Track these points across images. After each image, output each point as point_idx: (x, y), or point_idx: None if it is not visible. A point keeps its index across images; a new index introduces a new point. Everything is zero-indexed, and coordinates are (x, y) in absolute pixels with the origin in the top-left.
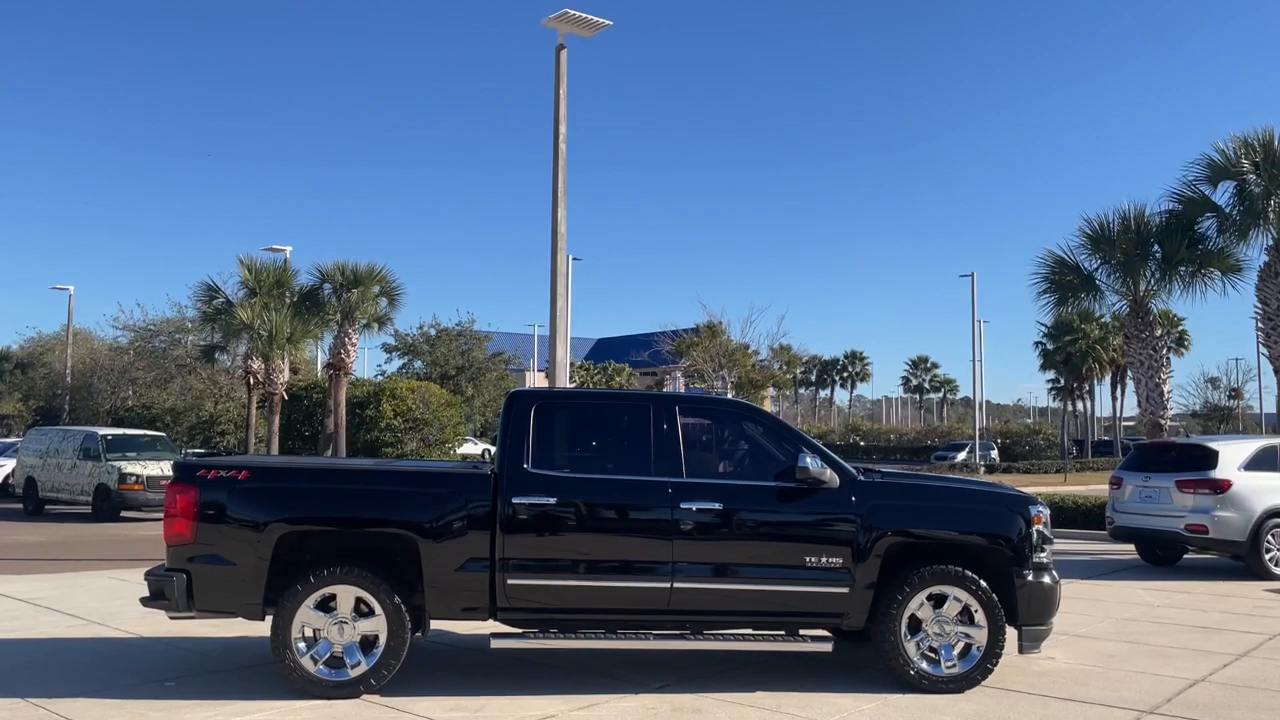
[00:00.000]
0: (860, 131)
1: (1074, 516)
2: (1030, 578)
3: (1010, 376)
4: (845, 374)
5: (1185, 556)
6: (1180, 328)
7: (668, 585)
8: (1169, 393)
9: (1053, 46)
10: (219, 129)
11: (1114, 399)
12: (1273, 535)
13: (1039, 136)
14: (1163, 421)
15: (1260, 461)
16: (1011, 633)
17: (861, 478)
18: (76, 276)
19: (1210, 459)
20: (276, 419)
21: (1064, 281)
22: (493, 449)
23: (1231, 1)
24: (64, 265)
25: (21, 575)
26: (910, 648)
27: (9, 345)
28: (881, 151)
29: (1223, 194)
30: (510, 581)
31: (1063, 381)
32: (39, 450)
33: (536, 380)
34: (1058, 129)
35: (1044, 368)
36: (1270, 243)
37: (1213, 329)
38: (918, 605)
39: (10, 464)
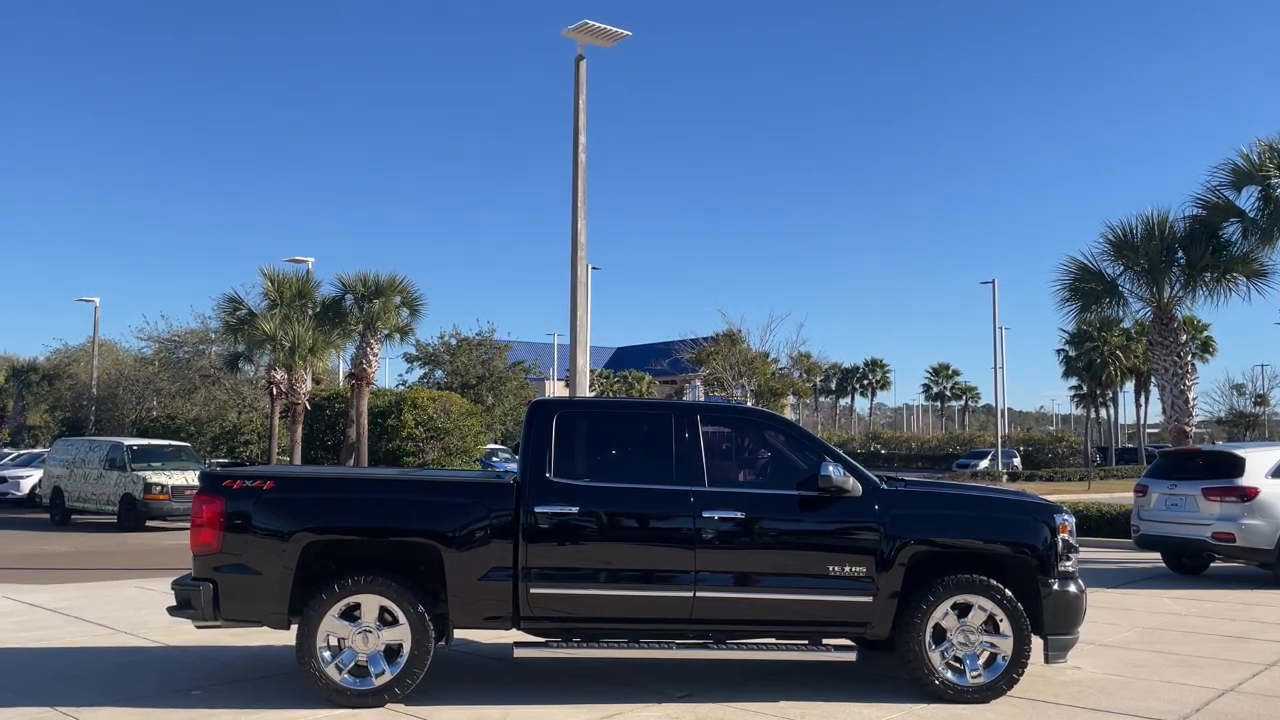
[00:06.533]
0: (880, 138)
1: (1099, 525)
2: (1056, 586)
3: (1032, 383)
4: (866, 382)
5: (1212, 565)
6: (1205, 334)
7: (690, 594)
8: (1194, 400)
9: (1073, 52)
10: (242, 139)
11: (1138, 406)
12: None
13: (1061, 142)
14: (1188, 429)
15: None
16: (1037, 642)
17: (885, 486)
18: (102, 288)
19: (1237, 466)
20: (299, 429)
21: (1087, 288)
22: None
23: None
24: (89, 277)
25: (49, 585)
26: (935, 657)
27: (36, 357)
28: (901, 157)
29: (1247, 199)
30: (533, 590)
31: (1085, 388)
32: (65, 460)
33: (556, 389)
34: (1079, 134)
35: (1066, 374)
36: None
37: (1237, 335)
38: (942, 614)
39: (37, 474)
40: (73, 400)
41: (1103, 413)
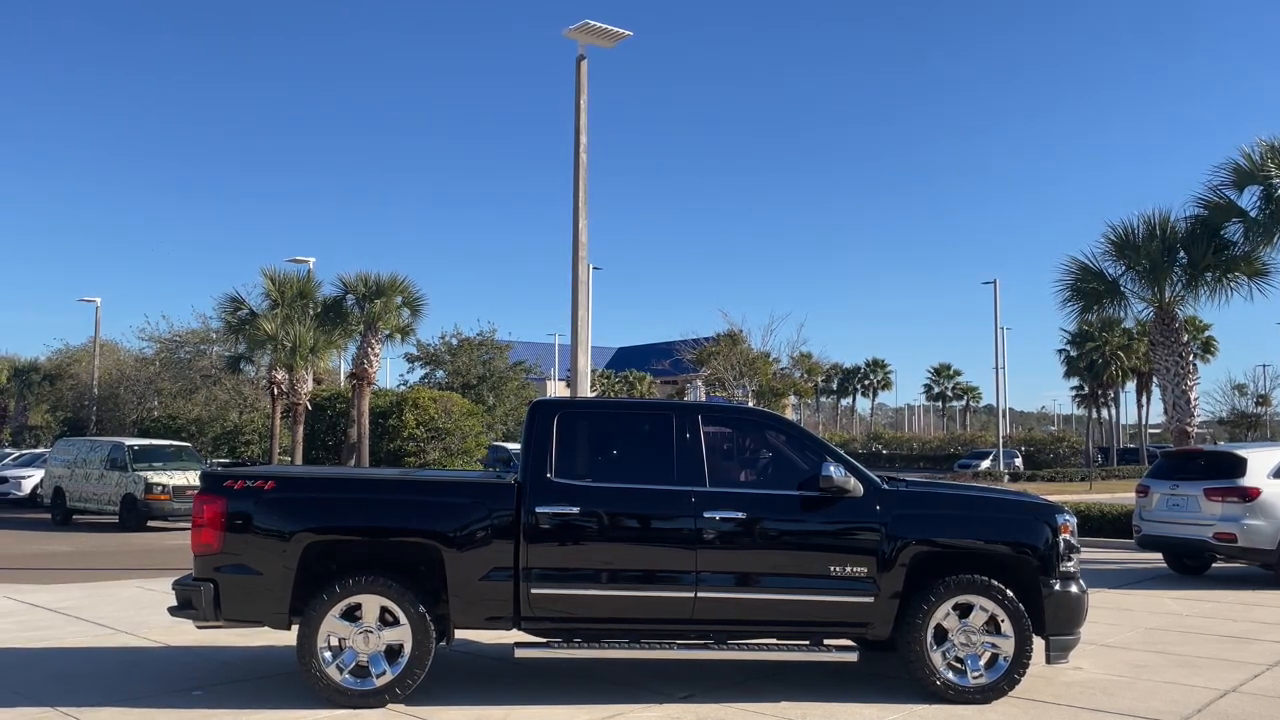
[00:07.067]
0: (880, 138)
1: (1100, 525)
2: (1057, 587)
3: (1034, 384)
4: (867, 382)
5: (1214, 565)
6: (1206, 334)
7: (691, 595)
8: (1195, 400)
9: (1073, 51)
10: (243, 139)
11: (1139, 406)
12: None
13: (1062, 142)
14: (1189, 429)
15: None
16: (1039, 642)
17: (886, 486)
18: (103, 289)
19: (1239, 467)
20: (300, 429)
21: (1088, 288)
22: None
23: None
24: (91, 277)
25: (50, 585)
26: (936, 658)
27: (37, 357)
28: (902, 157)
29: (1249, 198)
30: (534, 591)
31: (1087, 389)
32: (67, 460)
33: (558, 389)
34: (1080, 134)
35: (1068, 375)
36: None
37: (1239, 335)
38: (943, 615)
39: (39, 474)
40: (74, 400)
41: (1104, 413)
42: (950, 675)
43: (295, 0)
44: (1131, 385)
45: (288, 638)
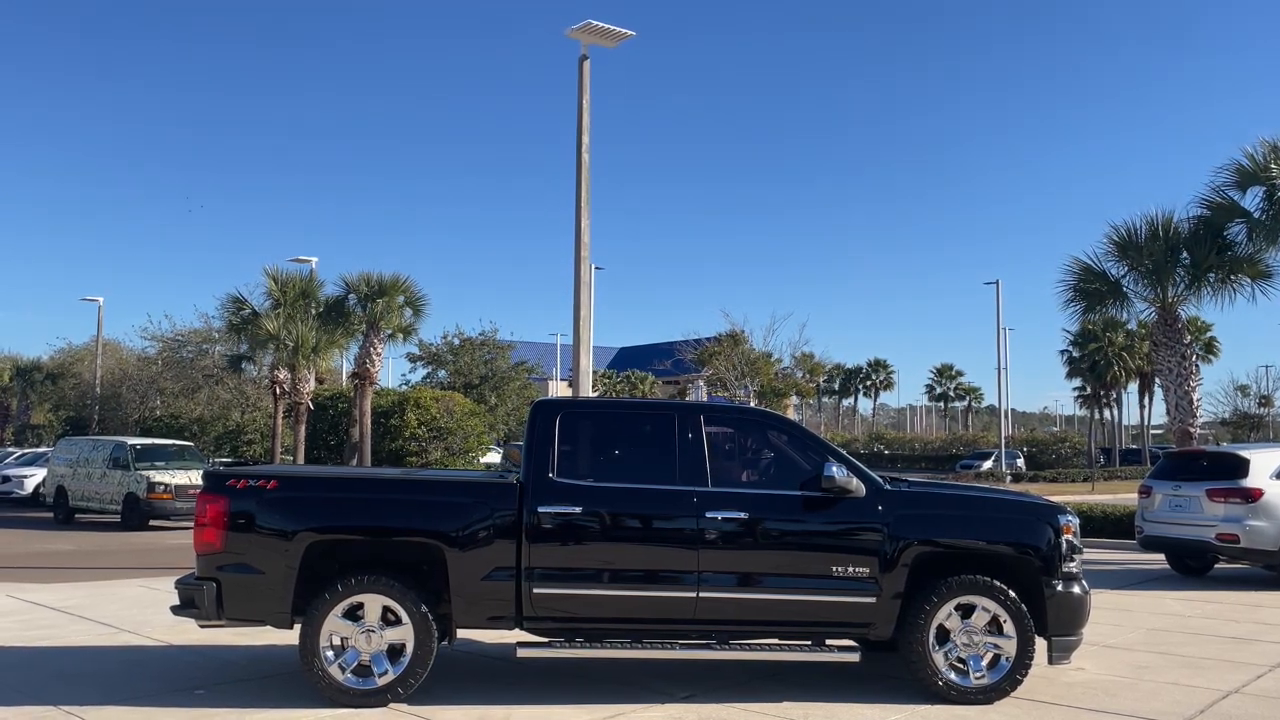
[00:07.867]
0: (882, 140)
1: (1103, 526)
2: (1060, 587)
3: (1036, 384)
4: (869, 382)
5: (1216, 566)
6: (1209, 334)
7: (693, 595)
8: (1198, 400)
9: (1076, 55)
10: (245, 140)
11: (1142, 407)
12: None
13: (1065, 144)
14: (1192, 429)
15: None
16: (1041, 643)
17: (888, 487)
18: (106, 288)
19: (1241, 468)
20: (302, 428)
21: (1091, 289)
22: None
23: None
24: (92, 277)
25: (52, 584)
26: (938, 658)
27: (39, 356)
28: (905, 159)
29: (1252, 199)
30: (536, 590)
31: (1089, 389)
32: (69, 460)
33: (559, 389)
34: (1083, 137)
35: (1070, 375)
36: None
37: (1241, 336)
38: (945, 615)
39: (41, 473)
40: (76, 399)
41: (1107, 413)
42: (952, 676)
43: (296, 3)
44: (1134, 386)
45: (290, 637)
